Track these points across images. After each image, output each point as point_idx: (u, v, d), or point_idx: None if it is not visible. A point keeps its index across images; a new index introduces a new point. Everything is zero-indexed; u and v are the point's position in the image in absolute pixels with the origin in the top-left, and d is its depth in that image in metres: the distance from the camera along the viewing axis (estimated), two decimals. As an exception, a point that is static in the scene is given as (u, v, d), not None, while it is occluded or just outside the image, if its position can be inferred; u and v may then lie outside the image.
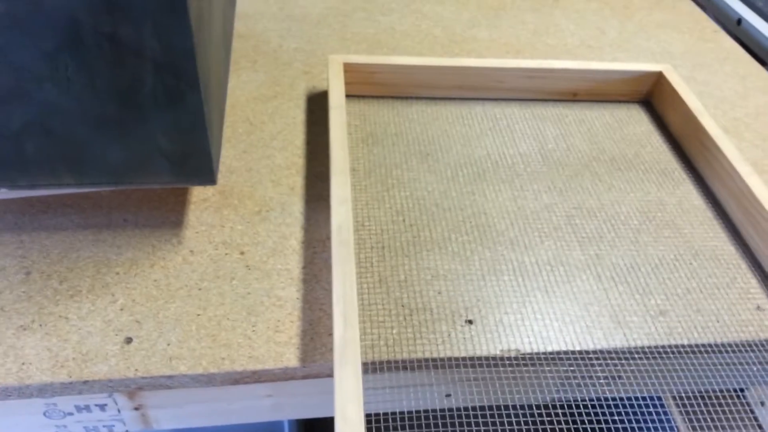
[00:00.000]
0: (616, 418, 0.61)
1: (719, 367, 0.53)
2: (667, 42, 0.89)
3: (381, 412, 0.53)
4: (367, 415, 0.52)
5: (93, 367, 0.43)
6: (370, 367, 0.46)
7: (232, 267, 0.51)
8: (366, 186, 0.60)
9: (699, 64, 0.86)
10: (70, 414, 0.47)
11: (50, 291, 0.47)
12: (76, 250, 0.50)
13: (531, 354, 0.48)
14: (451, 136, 0.67)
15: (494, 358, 0.48)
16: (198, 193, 0.57)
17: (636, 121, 0.72)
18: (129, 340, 0.45)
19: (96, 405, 0.46)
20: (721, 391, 0.70)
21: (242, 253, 0.52)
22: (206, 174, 0.49)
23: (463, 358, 0.47)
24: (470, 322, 0.49)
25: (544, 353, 0.48)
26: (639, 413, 0.67)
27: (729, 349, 0.51)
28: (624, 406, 0.63)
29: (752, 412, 0.76)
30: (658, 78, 0.70)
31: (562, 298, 0.52)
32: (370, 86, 0.69)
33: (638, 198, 0.62)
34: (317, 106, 0.70)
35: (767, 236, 0.56)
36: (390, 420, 0.55)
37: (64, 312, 0.46)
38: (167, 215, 0.55)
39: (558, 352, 0.48)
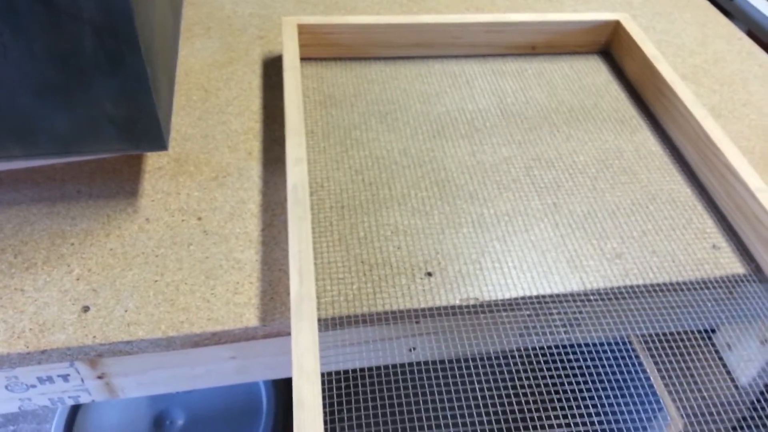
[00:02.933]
0: (581, 364, 0.62)
1: (679, 307, 0.54)
2: (626, -7, 0.89)
3: (349, 369, 0.54)
4: (331, 373, 0.53)
5: (50, 336, 0.43)
6: (330, 323, 0.46)
7: (189, 233, 0.50)
8: (324, 147, 0.60)
9: (659, 12, 0.86)
10: (33, 386, 0.47)
11: (5, 265, 0.47)
12: (30, 224, 0.50)
13: (490, 302, 0.49)
14: (410, 94, 0.67)
15: (454, 308, 0.48)
16: (153, 161, 0.56)
17: (595, 72, 0.72)
18: (86, 309, 0.44)
19: (58, 376, 0.46)
20: (687, 332, 0.72)
21: (199, 218, 0.52)
22: (156, 139, 0.49)
23: (423, 310, 0.48)
24: (430, 274, 0.49)
25: (503, 300, 0.49)
26: (606, 358, 0.68)
27: (686, 287, 0.52)
28: (590, 352, 0.64)
29: (718, 353, 0.78)
30: (616, 27, 0.70)
31: (520, 247, 0.52)
32: (326, 48, 0.68)
33: (596, 147, 0.63)
34: (273, 70, 0.69)
35: (722, 177, 0.56)
36: (359, 377, 0.56)
37: (20, 284, 0.46)
38: (122, 185, 0.54)
39: (516, 299, 0.49)
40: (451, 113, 0.65)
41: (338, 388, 0.53)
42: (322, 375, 0.52)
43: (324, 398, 0.45)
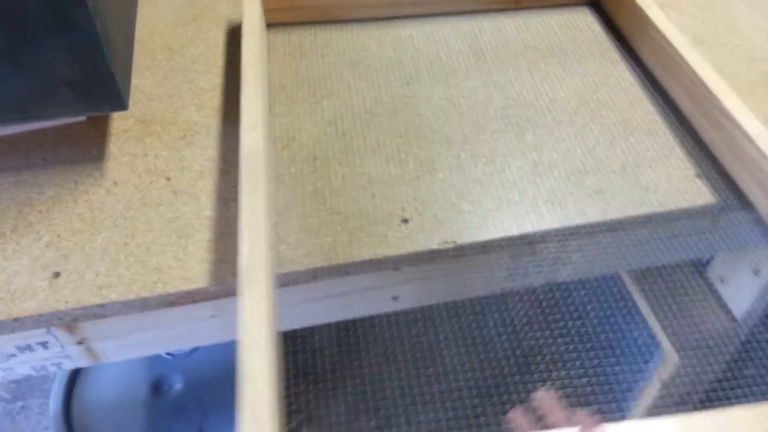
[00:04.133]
0: (572, 303, 0.62)
1: (665, 240, 0.53)
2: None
3: (332, 321, 0.53)
4: (313, 327, 0.53)
5: (22, 303, 0.42)
6: (308, 276, 0.46)
7: (158, 193, 0.49)
8: (295, 100, 0.58)
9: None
10: (14, 355, 0.46)
11: (-29, 236, 0.46)
12: (-5, 194, 0.49)
13: (470, 244, 0.48)
14: (382, 42, 0.65)
15: (434, 253, 0.48)
16: (118, 124, 0.55)
17: (581, 22, 0.70)
18: (57, 275, 0.44)
19: (38, 343, 0.46)
20: (679, 267, 0.71)
21: (168, 179, 0.51)
22: (115, 99, 0.47)
23: (402, 257, 0.47)
24: (406, 221, 0.48)
25: (483, 242, 0.48)
26: (597, 296, 0.68)
27: (670, 218, 0.51)
28: (581, 291, 0.63)
29: (712, 286, 0.77)
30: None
31: (498, 188, 0.51)
32: (294, 11, 0.65)
33: (574, 82, 0.61)
34: (239, 24, 0.67)
35: (703, 106, 0.55)
36: (343, 329, 0.56)
37: (-13, 255, 0.45)
38: (88, 149, 0.53)
39: (496, 240, 0.48)
40: (425, 57, 0.63)
41: (321, 341, 0.53)
42: (295, 331, 0.51)
43: (293, 359, 0.44)
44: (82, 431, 0.79)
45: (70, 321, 0.43)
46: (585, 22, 0.68)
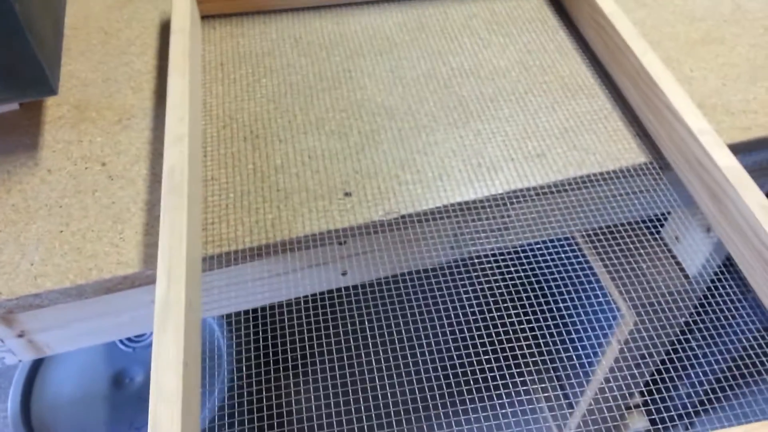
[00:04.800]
0: (523, 268, 0.62)
1: (608, 200, 0.54)
2: None
3: (282, 300, 0.53)
4: (257, 309, 0.52)
5: (-49, 299, 0.41)
6: (247, 254, 0.45)
7: (93, 180, 0.48)
8: (234, 79, 0.57)
9: None
10: (-50, 353, 0.45)
11: None
12: (-77, 189, 0.47)
13: (413, 214, 0.48)
14: (324, 17, 0.64)
15: (378, 225, 0.47)
16: (52, 111, 0.53)
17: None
18: (-12, 268, 0.43)
19: (-26, 339, 0.45)
20: (632, 226, 0.72)
21: (104, 164, 0.49)
22: (42, 84, 0.46)
23: (343, 230, 0.46)
24: (348, 194, 0.48)
25: (426, 211, 0.48)
26: (551, 260, 0.69)
27: (609, 178, 0.51)
28: (534, 256, 0.64)
29: (667, 246, 0.79)
30: None
31: (441, 158, 0.51)
32: (227, 2, 0.63)
33: (516, 50, 0.61)
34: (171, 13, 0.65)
35: (627, 71, 0.55)
36: (293, 308, 0.55)
37: None
38: (21, 139, 0.51)
39: (438, 209, 0.48)
40: (366, 30, 0.63)
41: (272, 322, 0.53)
42: (247, 312, 0.51)
43: (256, 336, 0.44)
44: (43, 430, 0.78)
45: (5, 313, 0.42)
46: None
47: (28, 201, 0.47)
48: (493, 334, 0.55)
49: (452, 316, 0.54)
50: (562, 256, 0.75)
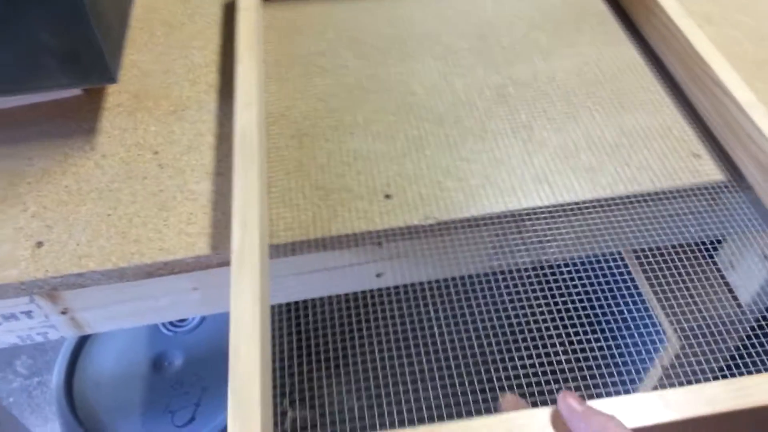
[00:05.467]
0: (566, 284, 0.61)
1: (659, 220, 0.52)
2: None
3: (316, 297, 0.53)
4: (290, 304, 0.53)
5: (3, 272, 0.43)
6: (285, 249, 0.45)
7: (144, 167, 0.50)
8: (288, 77, 0.58)
9: None
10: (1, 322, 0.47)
11: (-40, 205, 0.47)
12: (-13, 165, 0.50)
13: (454, 221, 0.47)
14: (381, 19, 0.64)
15: (418, 229, 0.47)
16: (112, 99, 0.55)
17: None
18: (39, 244, 0.44)
19: (22, 312, 0.47)
20: (684, 249, 0.69)
21: (156, 152, 0.51)
22: (103, 72, 0.48)
23: (383, 232, 0.46)
24: (388, 196, 0.48)
25: (466, 219, 0.47)
26: (594, 277, 0.67)
27: (664, 197, 0.50)
28: (577, 271, 0.62)
29: (720, 271, 0.75)
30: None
31: (486, 166, 0.50)
32: None
33: (575, 62, 0.59)
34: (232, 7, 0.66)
35: (702, 83, 0.53)
36: (326, 305, 0.55)
37: (-25, 223, 0.46)
38: (80, 123, 0.53)
39: (479, 217, 0.47)
40: (424, 35, 0.62)
41: (305, 317, 0.53)
42: (281, 306, 0.51)
43: (278, 334, 0.44)
44: (84, 405, 0.81)
45: (50, 290, 0.44)
46: None
47: (80, 183, 0.49)
48: (531, 347, 0.54)
49: (488, 327, 0.53)
50: (607, 273, 0.72)
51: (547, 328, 0.57)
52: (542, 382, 0.48)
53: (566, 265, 0.59)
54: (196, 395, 0.82)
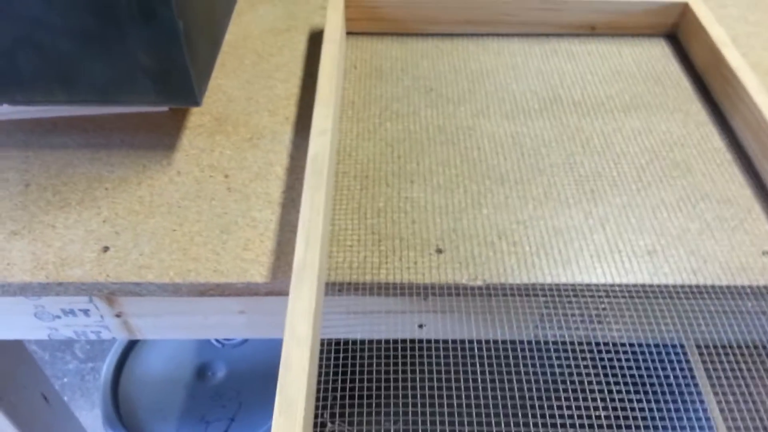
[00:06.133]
0: (611, 365, 0.59)
1: (720, 316, 0.49)
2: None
3: (356, 338, 0.54)
4: (338, 341, 0.53)
5: (69, 270, 0.46)
6: (331, 288, 0.46)
7: (214, 188, 0.52)
8: (361, 118, 0.59)
9: (753, 3, 0.78)
10: (58, 317, 0.50)
11: (43, 202, 0.50)
12: (74, 167, 0.53)
13: (502, 285, 0.47)
14: (459, 71, 0.65)
15: (465, 288, 0.47)
16: (195, 119, 0.59)
17: (659, 57, 0.67)
18: (106, 249, 0.47)
19: (80, 310, 0.50)
20: (747, 346, 0.66)
21: (226, 176, 0.53)
22: (189, 95, 0.51)
23: (430, 286, 0.46)
24: (440, 251, 0.48)
25: (515, 284, 0.47)
26: (644, 362, 0.64)
27: (728, 292, 0.48)
28: (625, 353, 0.60)
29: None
30: (684, 9, 0.65)
31: (543, 233, 0.50)
32: (375, 22, 0.68)
33: (650, 137, 0.58)
34: (316, 41, 0.69)
35: (785, 178, 0.51)
36: (366, 348, 0.56)
37: (53, 221, 0.49)
38: (162, 138, 0.56)
39: (529, 285, 0.47)
40: (498, 92, 0.63)
41: (344, 357, 0.54)
42: (322, 341, 0.52)
43: (321, 365, 0.45)
44: (127, 401, 0.84)
45: (109, 294, 0.46)
46: (663, 56, 0.65)
47: (153, 196, 0.51)
48: (568, 425, 0.52)
49: (526, 397, 0.52)
50: (664, 359, 0.69)
51: (586, 406, 0.55)
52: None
53: (613, 344, 0.57)
54: (233, 410, 0.84)
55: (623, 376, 0.58)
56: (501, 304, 0.48)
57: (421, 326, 0.51)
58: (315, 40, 0.69)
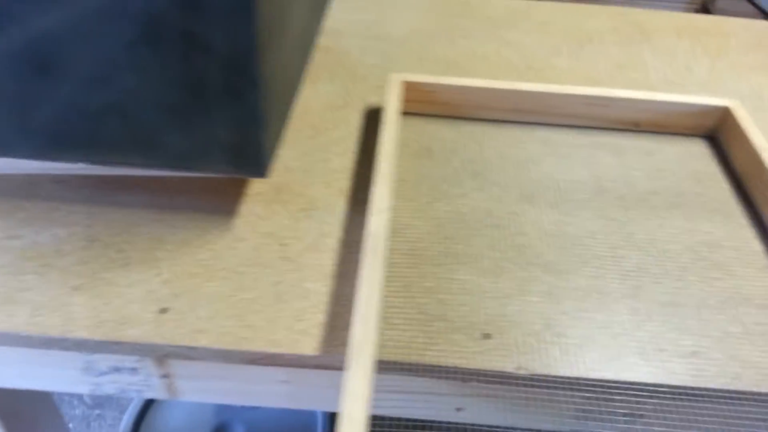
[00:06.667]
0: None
1: (761, 421, 0.50)
2: (760, 85, 0.85)
3: (388, 415, 0.54)
4: (374, 417, 0.54)
5: (127, 330, 0.47)
6: (377, 366, 0.47)
7: (269, 256, 0.54)
8: (412, 196, 0.62)
9: (793, 107, 0.81)
10: (105, 374, 0.52)
11: (106, 259, 0.53)
12: (137, 226, 0.56)
13: (546, 376, 0.47)
14: (506, 157, 0.68)
15: (507, 375, 0.48)
16: (255, 187, 0.61)
17: (699, 157, 0.69)
18: (164, 311, 0.49)
19: (128, 368, 0.51)
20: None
21: (282, 245, 0.55)
22: (257, 168, 0.53)
23: (475, 371, 0.47)
24: (487, 336, 0.49)
25: (559, 377, 0.47)
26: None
27: (765, 401, 0.48)
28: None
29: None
30: (725, 113, 0.67)
31: (588, 326, 0.51)
32: (429, 105, 0.71)
33: (692, 237, 0.60)
34: (372, 119, 0.72)
35: (828, 290, 0.52)
36: (402, 427, 0.56)
37: (114, 279, 0.51)
38: (223, 204, 0.59)
39: (573, 378, 0.47)
40: (543, 181, 0.65)
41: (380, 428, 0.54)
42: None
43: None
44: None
45: (161, 355, 0.48)
46: (704, 156, 0.67)
47: (213, 260, 0.53)
48: None
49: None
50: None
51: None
52: None
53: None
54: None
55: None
56: (543, 394, 0.49)
57: (459, 410, 0.52)
58: (369, 117, 0.72)
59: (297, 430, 0.92)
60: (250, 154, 0.52)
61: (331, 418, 0.91)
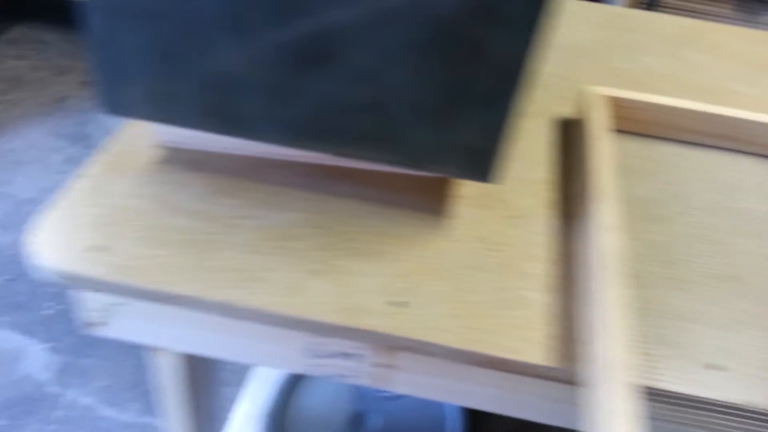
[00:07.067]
0: None
1: None
2: None
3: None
4: None
5: (364, 318, 0.49)
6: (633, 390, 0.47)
7: (487, 261, 0.55)
8: (627, 215, 0.61)
9: None
10: (330, 357, 0.54)
11: (338, 247, 0.54)
12: (363, 218, 0.57)
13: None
14: (715, 183, 0.66)
15: (740, 408, 0.47)
16: (465, 190, 0.61)
17: None
18: (398, 304, 0.50)
19: (356, 354, 0.53)
20: None
21: (494, 250, 0.56)
22: (485, 173, 0.54)
23: (702, 401, 0.47)
24: (712, 366, 0.49)
25: None
26: None
27: None
28: None
29: None
30: None
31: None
32: (626, 122, 0.70)
33: None
34: (570, 131, 0.72)
35: None
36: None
37: (348, 267, 0.53)
38: (433, 203, 0.60)
39: None
40: (760, 212, 0.63)
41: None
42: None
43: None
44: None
45: (393, 347, 0.49)
46: None
47: (438, 260, 0.54)
48: None
49: None
50: None
51: None
52: None
53: None
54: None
55: None
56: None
57: None
58: (562, 128, 0.72)
59: (428, 424, 0.94)
60: (485, 159, 0.53)
61: (468, 416, 0.90)
